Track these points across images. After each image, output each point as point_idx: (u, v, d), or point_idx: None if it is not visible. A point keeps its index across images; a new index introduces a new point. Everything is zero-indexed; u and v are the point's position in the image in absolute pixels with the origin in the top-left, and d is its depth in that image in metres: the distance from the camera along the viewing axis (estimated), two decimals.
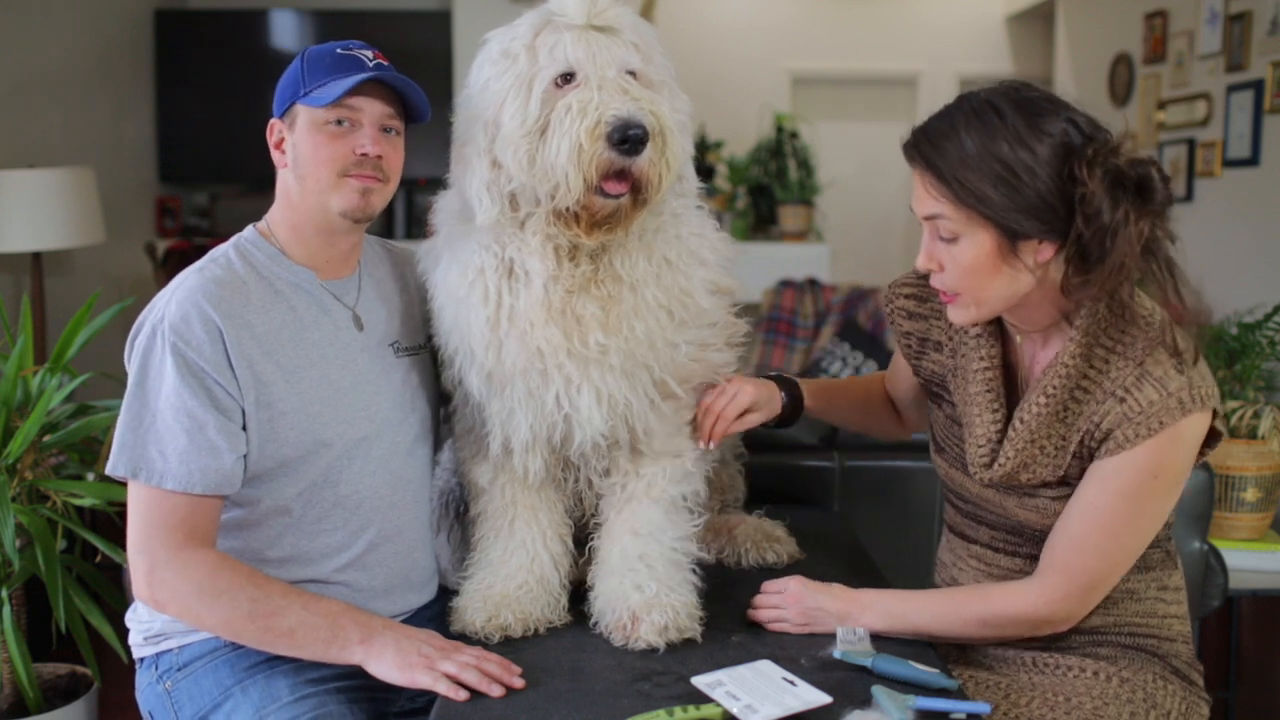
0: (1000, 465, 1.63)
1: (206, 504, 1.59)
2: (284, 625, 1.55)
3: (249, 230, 1.74)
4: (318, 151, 1.65)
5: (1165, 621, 1.70)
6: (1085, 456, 1.59)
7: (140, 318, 1.65)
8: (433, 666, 1.51)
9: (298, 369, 1.65)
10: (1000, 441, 1.63)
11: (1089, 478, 1.58)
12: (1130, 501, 1.55)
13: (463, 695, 1.48)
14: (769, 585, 1.73)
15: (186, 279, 1.64)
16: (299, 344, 1.67)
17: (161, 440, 1.56)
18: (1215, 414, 1.55)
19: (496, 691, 1.49)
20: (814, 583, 1.70)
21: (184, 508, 1.57)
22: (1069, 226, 1.48)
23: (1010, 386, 1.67)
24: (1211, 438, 1.58)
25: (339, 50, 1.67)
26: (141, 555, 1.57)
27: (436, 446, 1.92)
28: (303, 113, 1.66)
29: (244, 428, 1.61)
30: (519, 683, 1.51)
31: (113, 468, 1.59)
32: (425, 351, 1.85)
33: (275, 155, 1.71)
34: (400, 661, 1.53)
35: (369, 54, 1.68)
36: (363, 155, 1.65)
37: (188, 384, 1.57)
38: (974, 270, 1.53)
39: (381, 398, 1.74)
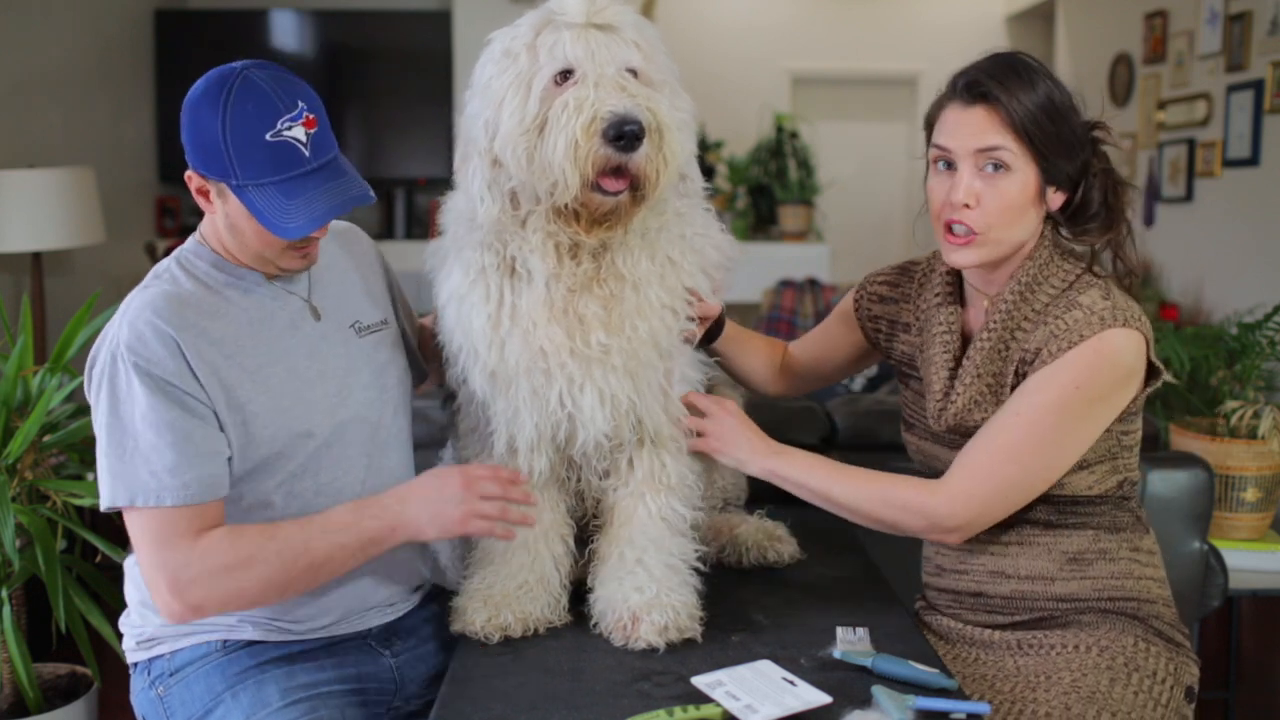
0: (952, 402, 1.71)
1: (214, 508, 1.57)
2: (318, 558, 1.56)
3: (189, 242, 1.70)
4: (261, 236, 1.59)
5: (1142, 584, 1.72)
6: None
7: (94, 347, 1.60)
8: (468, 523, 1.61)
9: (260, 368, 1.62)
10: (953, 385, 1.73)
11: (1016, 392, 1.64)
12: (1052, 412, 1.60)
13: (504, 533, 1.65)
14: (699, 398, 1.75)
15: (132, 300, 1.60)
16: (258, 343, 1.63)
17: (150, 461, 1.53)
18: (1148, 344, 1.64)
19: (514, 516, 1.64)
20: (747, 418, 1.76)
21: (186, 519, 1.54)
22: (1080, 178, 1.67)
23: (966, 350, 1.76)
24: (1151, 375, 1.66)
25: (268, 136, 1.52)
26: (161, 572, 1.53)
27: (437, 445, 1.91)
28: (235, 199, 1.57)
29: (222, 429, 1.59)
30: (532, 498, 1.68)
31: (111, 500, 1.55)
32: (390, 325, 1.82)
33: (199, 200, 1.62)
34: (440, 529, 1.62)
35: (300, 132, 1.54)
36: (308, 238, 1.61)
37: (161, 399, 1.53)
38: (1010, 207, 1.64)
39: (352, 381, 1.71)
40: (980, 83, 1.64)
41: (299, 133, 1.54)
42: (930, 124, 1.73)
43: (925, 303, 1.83)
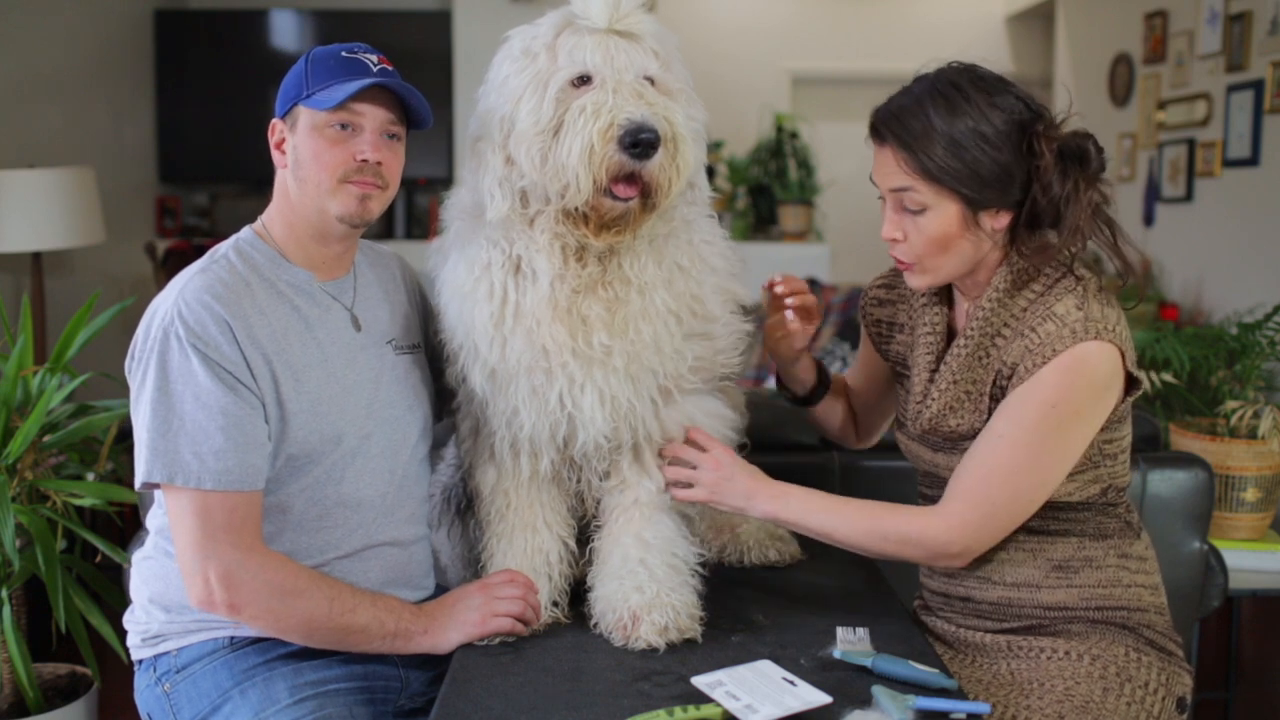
0: (928, 406, 1.71)
1: (257, 499, 1.59)
2: (358, 622, 1.60)
3: (246, 232, 1.74)
4: (319, 156, 1.65)
5: (1132, 592, 1.71)
6: (999, 399, 1.65)
7: (145, 322, 1.63)
8: (487, 623, 1.65)
9: (304, 368, 1.65)
10: (930, 389, 1.73)
11: (997, 411, 1.64)
12: (1031, 431, 1.59)
13: (523, 629, 1.67)
14: (682, 449, 1.74)
15: (190, 280, 1.63)
16: (305, 344, 1.67)
17: (195, 441, 1.55)
18: (1125, 357, 1.60)
19: (532, 604, 1.69)
20: (739, 458, 1.74)
21: (242, 507, 1.57)
22: (1024, 195, 1.61)
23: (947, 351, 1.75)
24: (1130, 386, 1.64)
25: (344, 53, 1.66)
26: (211, 561, 1.55)
27: (438, 444, 1.92)
28: (304, 115, 1.65)
29: (266, 421, 1.61)
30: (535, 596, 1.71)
31: (147, 475, 1.57)
32: (420, 351, 1.85)
33: (275, 155, 1.71)
34: (463, 634, 1.65)
35: (374, 58, 1.67)
36: (363, 161, 1.64)
37: (216, 383, 1.56)
38: (938, 240, 1.63)
39: (382, 395, 1.74)
40: (884, 122, 1.63)
41: (372, 58, 1.67)
42: None
43: (917, 302, 1.82)
